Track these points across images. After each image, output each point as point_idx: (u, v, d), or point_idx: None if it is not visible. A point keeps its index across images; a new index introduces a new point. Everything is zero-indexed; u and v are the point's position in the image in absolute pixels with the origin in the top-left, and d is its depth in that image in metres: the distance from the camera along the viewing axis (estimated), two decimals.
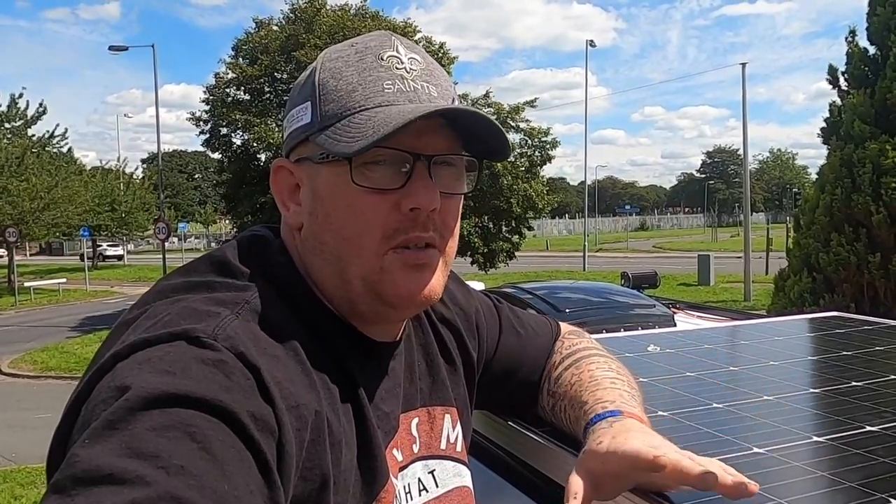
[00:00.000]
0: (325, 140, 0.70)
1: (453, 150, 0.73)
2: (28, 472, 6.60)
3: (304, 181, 0.74)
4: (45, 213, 23.91)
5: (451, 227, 0.75)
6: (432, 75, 0.74)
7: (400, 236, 0.71)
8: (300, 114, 0.74)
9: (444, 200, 0.72)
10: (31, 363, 12.61)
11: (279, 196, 0.77)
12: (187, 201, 65.01)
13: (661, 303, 2.90)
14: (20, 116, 24.65)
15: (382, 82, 0.71)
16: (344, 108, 0.70)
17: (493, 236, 18.78)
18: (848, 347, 1.43)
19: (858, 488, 0.75)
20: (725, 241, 41.62)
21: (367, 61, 0.72)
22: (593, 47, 30.57)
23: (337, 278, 0.72)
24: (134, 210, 34.07)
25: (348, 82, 0.71)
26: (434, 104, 0.71)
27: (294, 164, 0.75)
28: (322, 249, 0.73)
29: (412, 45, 0.75)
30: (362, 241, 0.70)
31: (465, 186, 0.76)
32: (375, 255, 0.71)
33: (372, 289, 0.71)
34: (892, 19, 7.07)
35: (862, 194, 6.69)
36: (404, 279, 0.71)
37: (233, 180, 19.13)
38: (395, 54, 0.72)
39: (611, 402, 0.83)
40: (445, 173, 0.73)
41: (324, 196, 0.72)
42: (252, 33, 19.30)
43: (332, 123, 0.70)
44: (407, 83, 0.71)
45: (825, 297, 6.83)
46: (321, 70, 0.73)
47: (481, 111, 0.73)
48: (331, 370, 0.70)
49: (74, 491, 0.49)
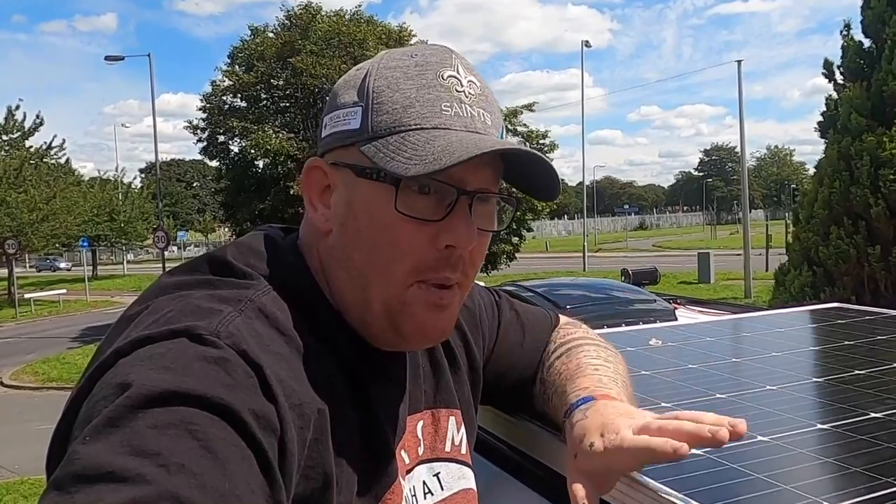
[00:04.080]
0: (375, 152, 0.67)
1: (495, 184, 0.71)
2: (31, 484, 6.59)
3: (338, 186, 0.71)
4: (43, 224, 23.91)
5: (478, 265, 0.74)
6: (487, 101, 0.71)
7: (430, 273, 0.69)
8: (348, 117, 0.70)
9: (478, 238, 0.70)
10: (31, 375, 12.60)
11: (308, 195, 0.74)
12: (186, 210, 64.99)
13: (662, 298, 2.90)
14: (17, 128, 24.65)
15: (441, 103, 0.68)
16: (398, 123, 0.67)
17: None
18: (850, 337, 1.43)
19: (864, 473, 0.75)
20: (725, 239, 41.65)
21: (427, 77, 0.69)
22: (589, 48, 30.68)
23: (358, 294, 0.71)
24: (133, 220, 34.08)
25: (406, 95, 0.68)
26: (487, 136, 0.69)
27: (330, 166, 0.72)
28: (348, 265, 0.71)
29: (470, 67, 0.72)
30: (391, 268, 0.69)
31: (496, 223, 0.74)
32: (402, 285, 0.69)
33: (390, 317, 0.70)
34: (886, 12, 7.08)
35: (860, 187, 6.69)
36: (423, 316, 0.70)
37: (231, 187, 19.14)
38: (455, 74, 0.70)
39: (585, 388, 0.82)
40: (483, 209, 0.71)
41: (359, 212, 0.69)
42: (248, 40, 19.32)
43: (383, 135, 0.67)
44: (464, 108, 0.69)
45: (826, 290, 6.82)
46: (377, 76, 0.70)
47: (538, 153, 0.71)
48: (336, 369, 0.69)
49: (74, 488, 0.48)
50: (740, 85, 19.35)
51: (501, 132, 0.72)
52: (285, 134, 17.81)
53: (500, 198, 0.73)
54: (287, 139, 17.37)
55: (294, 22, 18.75)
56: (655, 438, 0.67)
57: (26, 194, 22.64)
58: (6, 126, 24.31)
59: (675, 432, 0.67)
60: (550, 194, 0.73)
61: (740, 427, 0.65)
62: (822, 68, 7.86)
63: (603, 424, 0.72)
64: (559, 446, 0.85)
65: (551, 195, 0.73)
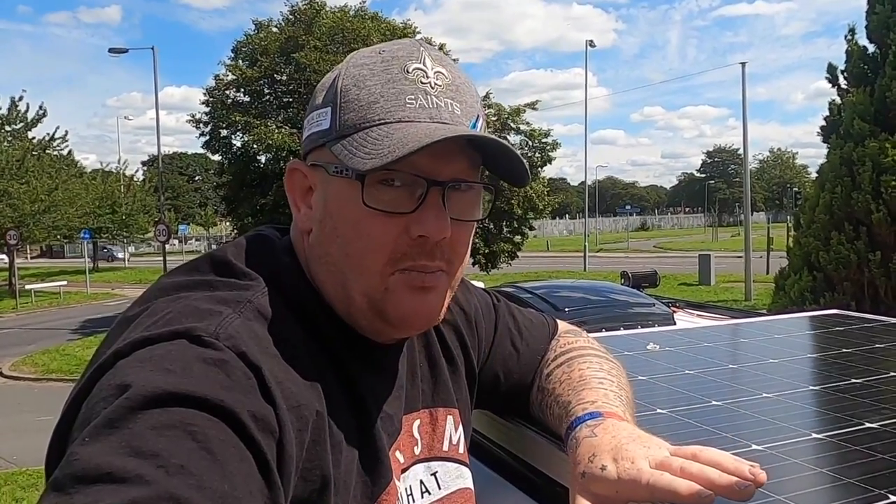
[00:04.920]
0: (341, 150, 0.68)
1: (471, 173, 0.72)
2: (29, 475, 6.60)
3: (317, 186, 0.73)
4: (45, 215, 23.93)
5: (461, 255, 0.74)
6: (458, 91, 0.71)
7: (406, 261, 0.69)
8: (320, 118, 0.72)
9: (455, 227, 0.70)
10: (31, 366, 12.60)
11: (292, 197, 0.76)
12: (188, 203, 64.95)
13: (661, 302, 2.89)
14: (20, 119, 24.63)
15: (405, 96, 0.69)
16: (363, 120, 0.69)
17: (495, 237, 18.77)
18: (848, 345, 1.43)
19: (858, 484, 0.75)
20: (726, 241, 41.59)
21: (392, 72, 0.70)
22: (593, 48, 30.59)
23: (339, 290, 0.72)
24: (134, 212, 34.06)
25: (370, 92, 0.69)
26: (454, 125, 0.69)
27: (309, 167, 0.74)
28: (327, 260, 0.72)
29: (441, 58, 0.73)
30: (366, 261, 0.70)
31: (480, 212, 0.74)
32: (380, 275, 0.70)
33: (374, 306, 0.71)
34: (891, 17, 7.07)
35: (862, 192, 6.69)
36: (408, 300, 0.70)
37: (233, 182, 19.12)
38: (421, 67, 0.70)
39: (592, 402, 0.80)
40: (460, 198, 0.71)
41: (333, 209, 0.71)
42: (252, 35, 19.30)
43: (349, 133, 0.69)
44: (430, 99, 0.69)
45: (826, 295, 6.82)
46: (345, 76, 0.72)
47: (500, 139, 0.71)
48: (332, 371, 0.70)
49: (73, 489, 0.49)
50: (744, 87, 19.31)
51: (475, 122, 0.72)
52: (288, 129, 17.79)
53: (480, 187, 0.73)
54: (290, 134, 17.34)
55: (298, 17, 18.71)
56: (681, 481, 0.63)
57: (28, 185, 22.64)
58: (9, 117, 24.29)
59: (699, 478, 0.63)
60: (521, 180, 0.73)
61: (761, 477, 0.63)
62: (826, 72, 7.85)
63: (615, 448, 0.69)
64: (556, 454, 0.86)
65: (522, 181, 0.73)
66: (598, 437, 0.72)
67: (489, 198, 0.76)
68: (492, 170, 0.74)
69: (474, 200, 0.74)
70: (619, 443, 0.70)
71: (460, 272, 0.75)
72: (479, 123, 0.72)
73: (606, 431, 0.73)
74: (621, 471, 0.67)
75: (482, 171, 0.75)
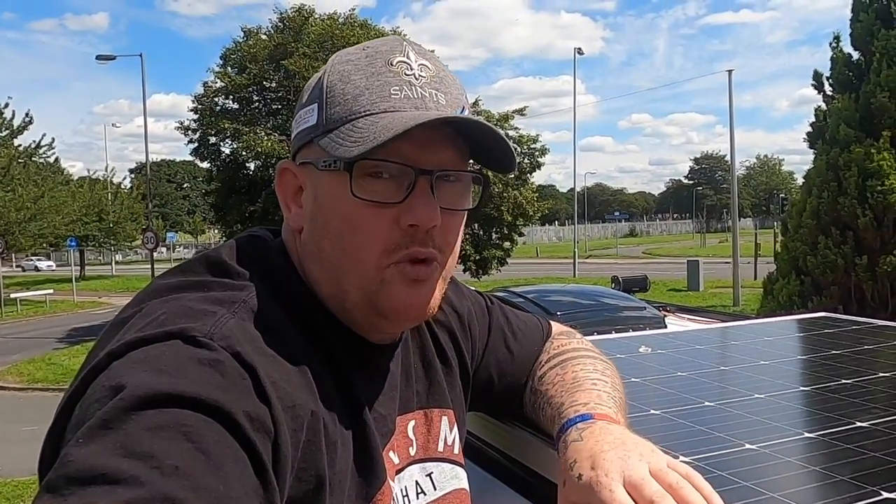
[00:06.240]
0: (328, 143, 0.69)
1: (460, 162, 0.72)
2: (15, 486, 6.52)
3: (306, 184, 0.74)
4: (31, 223, 23.72)
5: (452, 243, 0.74)
6: (442, 83, 0.72)
7: (401, 251, 0.70)
8: (307, 115, 0.73)
9: (445, 216, 0.70)
10: (17, 375, 12.47)
11: (282, 197, 0.76)
12: (176, 211, 64.67)
13: (652, 305, 2.91)
14: (6, 126, 24.43)
15: (389, 88, 0.70)
16: (349, 112, 0.69)
17: (485, 243, 18.82)
18: (837, 346, 1.44)
19: (850, 482, 0.76)
20: (714, 247, 41.88)
21: (376, 66, 0.71)
22: (581, 55, 30.79)
23: (334, 286, 0.72)
24: (122, 220, 33.88)
25: (355, 86, 0.70)
26: (439, 112, 0.70)
27: (298, 167, 0.75)
28: (320, 256, 0.72)
29: (424, 52, 0.74)
30: (360, 254, 0.70)
31: (470, 201, 0.75)
32: (376, 268, 0.70)
33: (369, 300, 0.71)
34: (874, 25, 7.17)
35: (848, 197, 6.76)
36: (403, 293, 0.71)
37: (222, 189, 19.07)
38: (404, 60, 0.71)
39: (584, 404, 0.80)
40: (449, 188, 0.72)
41: (323, 204, 0.71)
42: (240, 42, 19.29)
43: (336, 127, 0.69)
44: (415, 90, 0.70)
45: (813, 299, 6.88)
46: (330, 73, 0.73)
47: (488, 124, 0.71)
48: (327, 371, 0.70)
49: (68, 490, 0.48)
50: (731, 94, 19.51)
51: (461, 111, 0.72)
52: (277, 136, 17.78)
53: (469, 176, 0.73)
54: (279, 141, 17.33)
55: (287, 24, 18.74)
56: None
57: (14, 193, 22.44)
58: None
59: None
60: (507, 166, 0.74)
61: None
62: (811, 79, 7.95)
63: (594, 456, 0.68)
64: (549, 454, 0.86)
65: (508, 167, 0.74)
66: (584, 441, 0.71)
67: (478, 189, 0.77)
68: (480, 161, 0.75)
69: (463, 190, 0.74)
70: (600, 449, 0.68)
71: (451, 263, 0.76)
72: (465, 113, 0.73)
73: (592, 435, 0.72)
74: (594, 482, 0.65)
75: (471, 164, 0.75)
